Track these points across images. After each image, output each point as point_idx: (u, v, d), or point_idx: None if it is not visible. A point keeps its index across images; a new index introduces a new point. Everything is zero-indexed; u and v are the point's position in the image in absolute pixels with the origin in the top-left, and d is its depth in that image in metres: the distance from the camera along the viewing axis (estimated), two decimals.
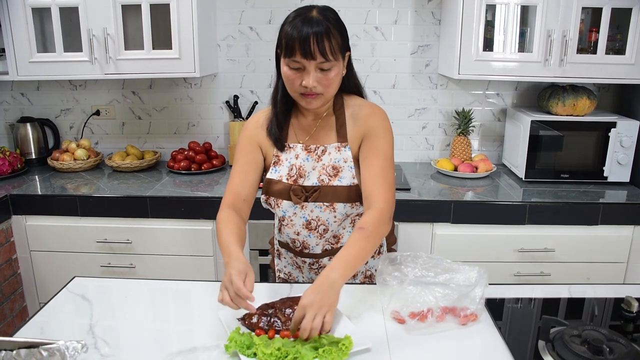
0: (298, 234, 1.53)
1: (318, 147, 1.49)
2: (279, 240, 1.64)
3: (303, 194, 1.47)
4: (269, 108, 1.53)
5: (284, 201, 1.50)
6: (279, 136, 1.49)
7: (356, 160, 1.48)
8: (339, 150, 1.47)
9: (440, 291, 1.29)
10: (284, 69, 1.37)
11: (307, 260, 1.58)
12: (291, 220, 1.52)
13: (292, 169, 1.49)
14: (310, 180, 1.48)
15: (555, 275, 2.30)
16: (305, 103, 1.40)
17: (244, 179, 1.49)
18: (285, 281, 1.67)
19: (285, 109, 1.50)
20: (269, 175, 1.51)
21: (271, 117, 1.51)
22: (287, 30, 1.32)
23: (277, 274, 1.71)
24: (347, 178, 1.46)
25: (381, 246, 1.66)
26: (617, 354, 1.11)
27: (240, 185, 1.49)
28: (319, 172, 1.47)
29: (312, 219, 1.50)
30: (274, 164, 1.51)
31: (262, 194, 1.54)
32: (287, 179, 1.49)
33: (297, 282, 1.64)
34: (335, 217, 1.49)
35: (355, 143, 1.48)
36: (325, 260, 1.57)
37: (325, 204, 1.47)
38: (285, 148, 1.51)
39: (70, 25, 2.45)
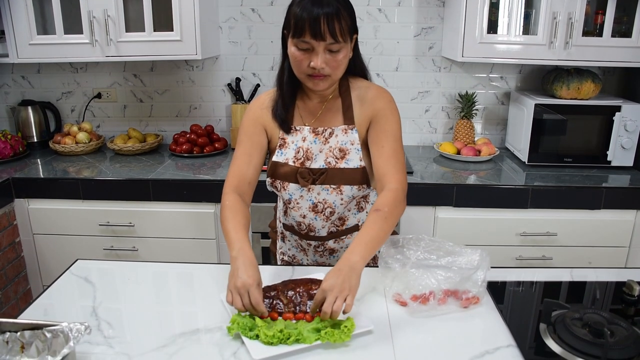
0: (304, 216, 1.53)
1: (325, 130, 1.48)
2: (283, 223, 1.64)
3: (310, 176, 1.47)
4: (274, 90, 1.51)
5: (291, 184, 1.49)
6: (284, 118, 1.48)
7: (363, 143, 1.48)
8: (345, 133, 1.47)
9: (443, 274, 1.29)
10: (292, 49, 1.35)
11: (313, 243, 1.58)
12: (297, 203, 1.52)
13: (298, 152, 1.48)
14: (317, 163, 1.47)
15: (557, 259, 2.30)
16: (312, 84, 1.39)
17: (248, 161, 1.48)
18: (288, 264, 1.68)
19: (291, 91, 1.48)
20: (274, 158, 1.50)
21: (276, 99, 1.49)
22: (296, 11, 1.31)
23: (280, 257, 1.71)
24: (354, 160, 1.46)
25: None
26: (618, 337, 1.11)
27: (245, 168, 1.47)
28: (326, 154, 1.47)
29: (319, 202, 1.50)
30: (279, 146, 1.50)
31: (267, 177, 1.53)
32: (294, 162, 1.48)
33: (301, 264, 1.64)
34: (342, 199, 1.49)
35: (362, 126, 1.47)
36: (330, 242, 1.57)
37: (332, 186, 1.47)
38: (292, 131, 1.49)
39: (70, 7, 2.43)
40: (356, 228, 1.57)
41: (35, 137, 2.84)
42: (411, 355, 1.11)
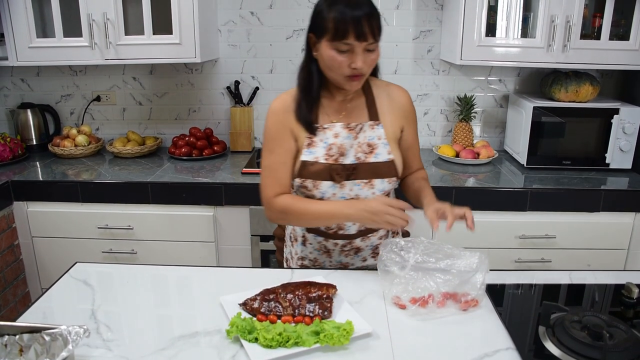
0: None
1: (357, 125, 1.50)
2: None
3: (344, 172, 1.47)
4: (293, 90, 1.51)
5: (323, 182, 1.47)
6: (309, 120, 1.48)
7: (389, 137, 1.52)
8: (372, 128, 1.50)
9: (441, 277, 1.29)
10: (331, 52, 1.36)
11: (340, 242, 1.55)
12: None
13: (330, 149, 1.48)
14: (348, 159, 1.48)
15: (556, 261, 2.30)
16: (349, 85, 1.42)
17: (286, 170, 1.49)
18: (307, 268, 1.62)
19: (319, 92, 1.49)
20: (303, 158, 1.49)
21: (299, 101, 1.49)
22: (334, 15, 1.33)
23: (299, 262, 1.65)
24: (383, 154, 1.49)
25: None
26: (617, 340, 1.11)
27: (285, 177, 1.49)
28: (356, 150, 1.49)
29: (352, 198, 1.49)
30: (307, 145, 1.49)
31: (296, 178, 1.51)
32: (326, 159, 1.48)
33: (323, 267, 1.60)
34: (373, 193, 1.49)
35: (389, 122, 1.52)
36: (358, 241, 1.55)
37: (364, 181, 1.48)
38: (319, 129, 1.49)
39: (69, 10, 2.43)
40: None
41: (34, 140, 2.84)
42: (410, 358, 1.11)
